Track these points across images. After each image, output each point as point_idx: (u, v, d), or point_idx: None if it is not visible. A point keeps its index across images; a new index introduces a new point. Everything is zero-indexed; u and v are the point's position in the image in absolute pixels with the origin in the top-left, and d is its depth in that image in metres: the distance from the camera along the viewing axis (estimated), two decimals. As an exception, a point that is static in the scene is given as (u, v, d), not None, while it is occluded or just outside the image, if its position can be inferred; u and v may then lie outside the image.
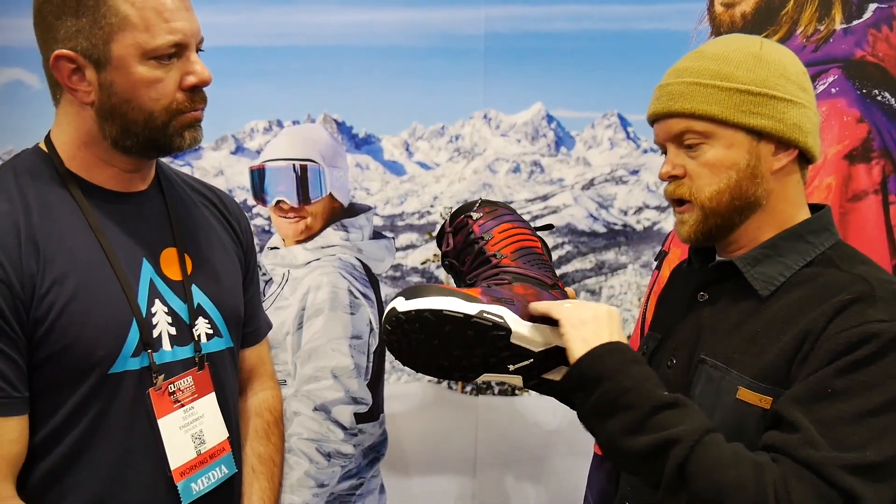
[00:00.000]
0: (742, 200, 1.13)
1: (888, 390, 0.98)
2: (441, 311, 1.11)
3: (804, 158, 1.16)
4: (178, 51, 1.11)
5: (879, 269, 1.12)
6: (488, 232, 1.31)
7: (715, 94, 1.11)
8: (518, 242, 1.31)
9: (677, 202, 1.18)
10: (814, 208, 1.20)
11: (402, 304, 1.12)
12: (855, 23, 2.37)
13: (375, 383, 2.12)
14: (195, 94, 1.15)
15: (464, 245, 1.32)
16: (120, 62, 1.09)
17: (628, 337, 2.69)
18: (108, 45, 1.08)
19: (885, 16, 2.37)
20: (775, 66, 1.12)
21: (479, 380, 1.24)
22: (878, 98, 2.38)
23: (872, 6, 2.37)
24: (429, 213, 2.54)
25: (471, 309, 1.12)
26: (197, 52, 1.15)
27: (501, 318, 1.13)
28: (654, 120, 1.20)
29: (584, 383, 1.06)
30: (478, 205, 1.36)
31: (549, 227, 1.47)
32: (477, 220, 1.32)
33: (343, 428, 1.98)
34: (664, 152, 1.20)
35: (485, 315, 1.12)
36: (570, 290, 1.34)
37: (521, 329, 1.15)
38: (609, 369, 1.04)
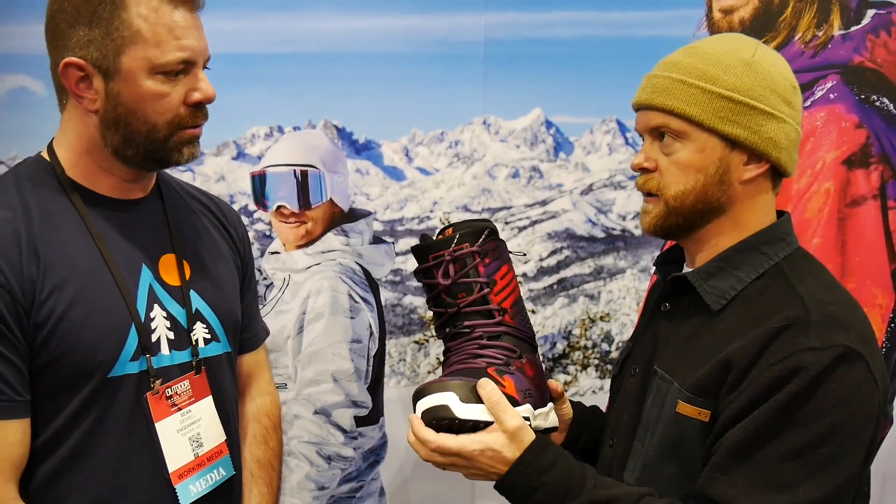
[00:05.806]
0: (705, 204, 1.12)
1: (819, 425, 0.98)
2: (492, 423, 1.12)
3: (777, 172, 1.15)
4: (186, 67, 1.13)
5: (828, 283, 1.11)
6: (492, 277, 1.21)
7: (697, 95, 1.09)
8: (514, 292, 1.24)
9: (646, 192, 1.18)
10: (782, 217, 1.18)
11: (458, 408, 1.10)
12: (853, 28, 2.37)
13: (375, 387, 2.13)
14: (198, 109, 1.17)
15: (459, 279, 1.20)
16: (128, 74, 1.11)
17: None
18: (119, 57, 1.10)
19: (883, 21, 2.36)
20: (764, 77, 1.10)
21: None
22: (877, 103, 2.38)
23: (871, 12, 2.37)
24: (428, 218, 2.55)
25: None
26: (203, 69, 1.17)
27: (528, 419, 1.15)
28: (637, 108, 1.19)
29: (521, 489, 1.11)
30: (485, 236, 1.21)
31: (522, 254, 1.53)
32: (484, 258, 1.21)
33: (343, 431, 2.00)
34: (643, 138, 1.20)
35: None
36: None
37: (539, 422, 1.19)
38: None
